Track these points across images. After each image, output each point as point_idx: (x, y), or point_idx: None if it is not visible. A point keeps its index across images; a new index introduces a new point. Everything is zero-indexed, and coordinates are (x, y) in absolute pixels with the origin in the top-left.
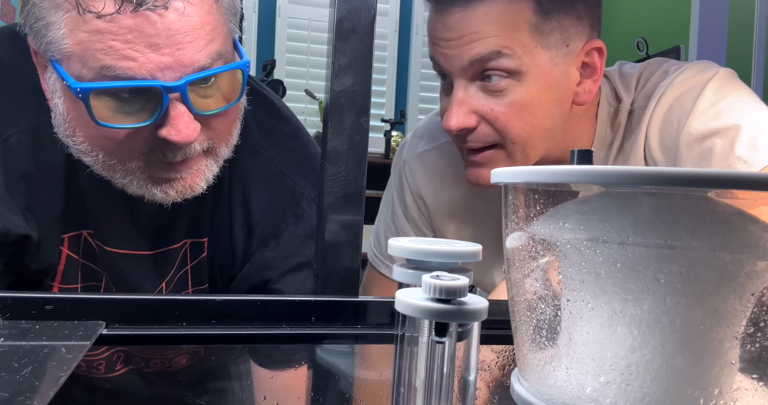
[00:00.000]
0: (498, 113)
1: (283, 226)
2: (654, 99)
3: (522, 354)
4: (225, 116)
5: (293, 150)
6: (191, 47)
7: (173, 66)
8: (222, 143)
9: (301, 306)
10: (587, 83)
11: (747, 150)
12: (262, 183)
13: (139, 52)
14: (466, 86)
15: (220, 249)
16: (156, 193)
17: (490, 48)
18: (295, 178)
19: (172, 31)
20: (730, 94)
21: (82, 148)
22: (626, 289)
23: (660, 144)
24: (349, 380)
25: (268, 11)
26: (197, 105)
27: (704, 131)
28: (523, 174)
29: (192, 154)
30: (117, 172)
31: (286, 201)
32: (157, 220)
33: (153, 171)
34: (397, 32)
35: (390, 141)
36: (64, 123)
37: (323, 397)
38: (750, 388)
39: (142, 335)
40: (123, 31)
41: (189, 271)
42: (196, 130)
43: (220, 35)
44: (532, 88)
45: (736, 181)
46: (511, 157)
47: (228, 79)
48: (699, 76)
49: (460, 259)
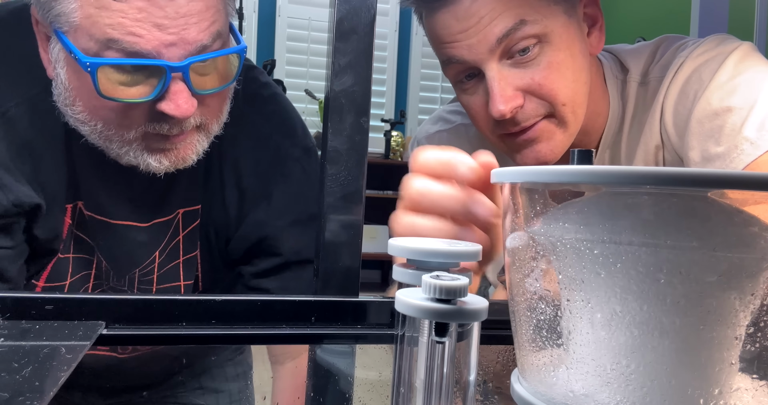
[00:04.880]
0: (540, 80)
1: (272, 186)
2: (672, 70)
3: (522, 354)
4: (218, 95)
5: (274, 113)
6: (195, 27)
7: (177, 43)
8: (214, 120)
9: (301, 306)
10: (594, 33)
11: (756, 131)
12: (250, 147)
13: (146, 30)
14: (499, 68)
15: (214, 214)
16: (151, 162)
17: (513, 19)
18: (278, 139)
19: (179, 13)
20: (751, 69)
21: (81, 117)
22: (626, 289)
23: (674, 117)
24: (349, 380)
25: (268, 11)
26: (195, 83)
27: (718, 108)
28: (523, 174)
29: (187, 128)
30: (114, 142)
31: (272, 162)
32: (151, 192)
33: (149, 142)
34: (397, 32)
35: (390, 141)
36: (64, 92)
37: (323, 397)
38: (750, 388)
39: (142, 335)
40: (133, 11)
41: (181, 240)
42: (194, 106)
43: (221, 17)
44: (561, 46)
45: (736, 181)
46: (563, 122)
47: (225, 60)
48: (720, 47)
49: (460, 259)
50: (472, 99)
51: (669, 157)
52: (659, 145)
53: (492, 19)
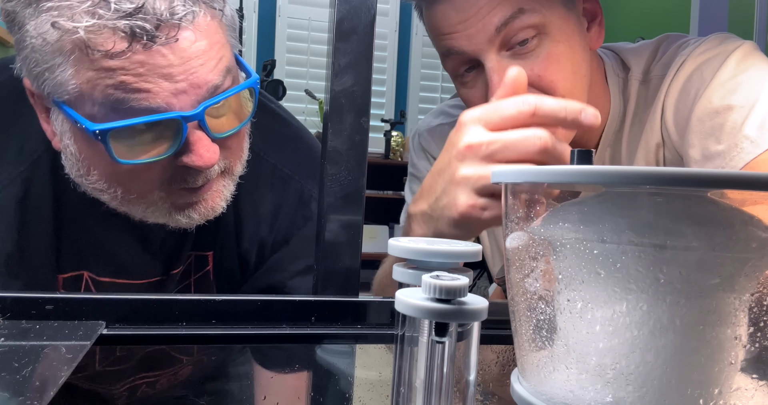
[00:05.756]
0: (540, 71)
1: (294, 230)
2: (674, 68)
3: (522, 354)
4: (237, 134)
5: (296, 151)
6: (203, 69)
7: (188, 90)
8: (237, 161)
9: (301, 306)
10: (594, 27)
11: (756, 129)
12: (269, 190)
13: (152, 83)
14: (498, 59)
15: (226, 261)
16: (180, 219)
17: (511, 8)
18: (301, 180)
19: (184, 58)
20: (752, 68)
21: (99, 185)
22: (626, 289)
23: (675, 115)
24: (349, 380)
25: (268, 11)
26: (213, 127)
27: (719, 106)
28: (523, 174)
29: (212, 176)
30: (137, 205)
31: (294, 204)
32: (165, 246)
33: (175, 198)
34: (397, 32)
35: (390, 141)
36: (77, 163)
37: (323, 397)
38: (750, 388)
39: (142, 335)
40: (134, 66)
41: (192, 284)
42: (217, 153)
43: (227, 51)
44: (560, 38)
45: (735, 181)
46: None
47: (239, 97)
48: (721, 46)
49: (460, 259)
50: (471, 92)
51: (669, 155)
52: (660, 143)
53: (491, 9)
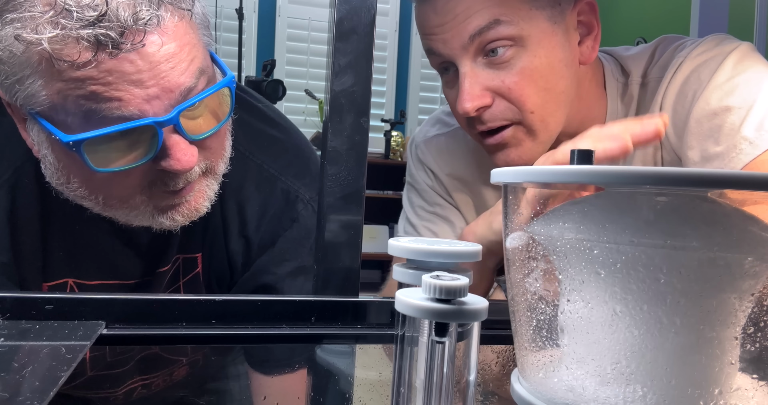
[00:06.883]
0: (510, 84)
1: (280, 231)
2: (671, 70)
3: (522, 354)
4: (217, 134)
5: (283, 151)
6: (174, 72)
7: (160, 95)
8: (218, 160)
9: (301, 306)
10: (588, 41)
11: (754, 130)
12: (255, 190)
13: (123, 90)
14: (472, 66)
15: (215, 263)
16: (163, 221)
17: (487, 18)
18: (288, 181)
19: (152, 63)
20: (750, 69)
21: (80, 193)
22: (626, 289)
23: (672, 117)
24: (349, 380)
25: (268, 11)
26: (190, 129)
27: (717, 107)
28: (523, 174)
29: (193, 178)
30: (120, 210)
31: (281, 206)
32: (151, 248)
33: (157, 201)
34: (397, 32)
35: (390, 141)
36: (56, 172)
37: (323, 397)
38: (750, 388)
39: (142, 335)
40: (103, 75)
41: (181, 287)
42: (195, 156)
43: (199, 52)
44: (538, 52)
45: (735, 181)
46: (531, 130)
47: (216, 97)
48: (718, 47)
49: (460, 259)
50: (451, 92)
51: (667, 157)
52: (657, 145)
53: (467, 17)
